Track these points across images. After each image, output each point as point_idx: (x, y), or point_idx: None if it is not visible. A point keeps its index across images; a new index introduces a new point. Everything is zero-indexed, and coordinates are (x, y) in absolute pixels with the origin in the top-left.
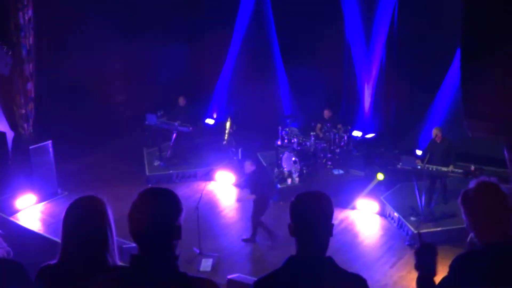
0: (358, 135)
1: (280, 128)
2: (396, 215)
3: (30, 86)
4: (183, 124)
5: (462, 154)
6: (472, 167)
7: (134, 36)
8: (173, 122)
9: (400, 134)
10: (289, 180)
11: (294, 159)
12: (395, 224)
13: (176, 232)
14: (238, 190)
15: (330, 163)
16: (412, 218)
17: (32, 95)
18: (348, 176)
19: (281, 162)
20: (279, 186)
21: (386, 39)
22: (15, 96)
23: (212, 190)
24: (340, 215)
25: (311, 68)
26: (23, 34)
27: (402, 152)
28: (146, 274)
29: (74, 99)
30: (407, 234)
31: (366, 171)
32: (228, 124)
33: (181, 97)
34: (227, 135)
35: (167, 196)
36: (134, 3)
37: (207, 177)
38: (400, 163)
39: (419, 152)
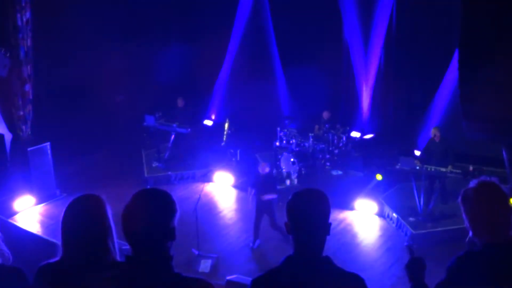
0: (356, 136)
1: (278, 129)
2: (394, 215)
3: (28, 87)
4: (182, 125)
5: (461, 155)
6: (471, 168)
7: (132, 38)
8: (171, 124)
9: (399, 134)
10: (287, 181)
11: (292, 160)
12: (394, 225)
13: (170, 233)
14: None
15: (328, 164)
16: (410, 219)
17: (30, 96)
18: (347, 176)
19: (279, 163)
20: (278, 187)
21: (384, 40)
22: (13, 98)
23: (210, 191)
24: (339, 216)
25: (309, 69)
26: (21, 35)
27: (400, 153)
28: (140, 275)
29: (72, 101)
30: (406, 234)
31: (365, 171)
32: (226, 125)
33: (179, 98)
34: (225, 136)
35: (161, 197)
36: (132, 5)
37: (206, 178)
38: (399, 164)
39: (417, 153)
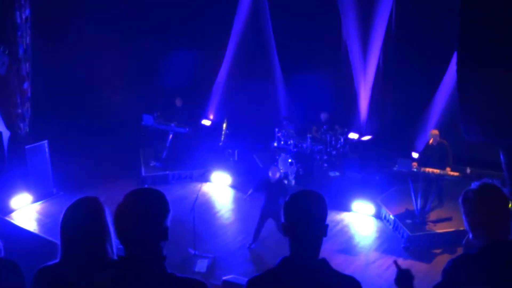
0: (354, 137)
1: (276, 129)
2: (392, 217)
3: (27, 85)
4: (180, 125)
5: (458, 157)
6: (468, 170)
7: (131, 37)
8: (169, 123)
9: (397, 136)
10: (285, 182)
11: (290, 160)
12: (391, 227)
13: (163, 233)
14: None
15: (326, 165)
16: (407, 221)
17: (29, 94)
18: (344, 178)
19: (277, 163)
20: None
21: (383, 42)
22: (11, 95)
23: (208, 191)
24: (336, 217)
25: (308, 70)
26: (20, 33)
27: (398, 155)
28: (133, 275)
29: (70, 99)
30: (403, 236)
31: (362, 173)
32: (224, 125)
33: (177, 98)
34: (223, 136)
35: (153, 197)
36: (131, 4)
37: (203, 178)
38: (396, 166)
39: (415, 155)
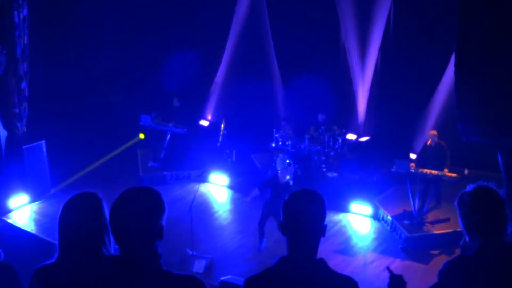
0: (352, 138)
1: (275, 130)
2: (389, 218)
3: (24, 85)
4: (178, 125)
5: (456, 158)
6: (466, 171)
7: (128, 37)
8: (167, 123)
9: (395, 137)
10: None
11: (288, 161)
12: (389, 228)
13: (158, 232)
14: (236, 190)
15: (324, 165)
16: (405, 222)
17: (26, 94)
18: (342, 179)
19: (275, 164)
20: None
21: (381, 43)
22: (9, 95)
23: (205, 191)
24: (334, 218)
25: (306, 71)
26: (17, 33)
27: (396, 156)
28: (128, 273)
29: (68, 99)
30: (400, 237)
31: (360, 174)
32: (222, 126)
33: (175, 98)
34: (221, 136)
35: (148, 195)
36: (129, 5)
37: (201, 178)
38: (394, 167)
39: (413, 156)
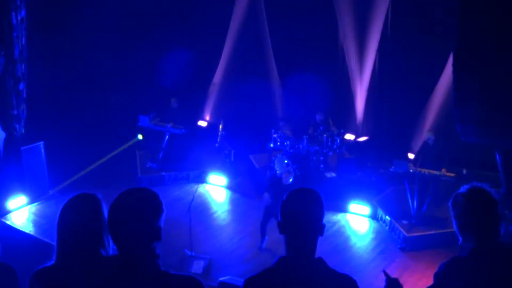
0: (350, 138)
1: (273, 130)
2: (388, 218)
3: (22, 86)
4: (176, 126)
5: (454, 158)
6: (464, 171)
7: (127, 38)
8: (165, 124)
9: (393, 137)
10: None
11: (286, 161)
12: (387, 228)
13: (155, 233)
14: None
15: (322, 165)
16: (404, 222)
17: (24, 95)
18: (340, 179)
19: (273, 164)
20: None
21: (379, 43)
22: (7, 96)
23: (204, 192)
24: (332, 218)
25: (304, 71)
26: (15, 34)
27: (394, 156)
28: (126, 274)
29: (66, 100)
30: (399, 237)
31: (359, 174)
32: (221, 126)
33: (173, 99)
34: (219, 137)
35: (146, 196)
36: (127, 5)
37: (200, 179)
38: (393, 167)
39: (411, 156)
